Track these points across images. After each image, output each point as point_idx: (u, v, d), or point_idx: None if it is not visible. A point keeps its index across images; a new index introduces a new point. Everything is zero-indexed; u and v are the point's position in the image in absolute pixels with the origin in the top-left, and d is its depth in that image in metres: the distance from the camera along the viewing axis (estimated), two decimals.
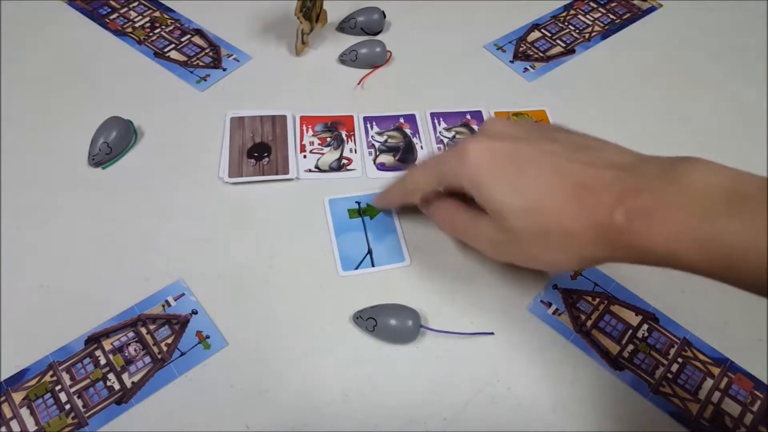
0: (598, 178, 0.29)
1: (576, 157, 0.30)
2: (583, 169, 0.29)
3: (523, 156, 0.31)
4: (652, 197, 0.27)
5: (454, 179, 0.33)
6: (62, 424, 0.34)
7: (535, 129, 0.34)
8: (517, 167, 0.31)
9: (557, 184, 0.29)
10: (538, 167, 0.30)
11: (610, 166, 0.29)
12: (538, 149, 0.31)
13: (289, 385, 0.36)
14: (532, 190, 0.30)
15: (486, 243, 0.34)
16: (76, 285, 0.39)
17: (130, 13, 0.56)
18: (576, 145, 0.31)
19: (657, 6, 0.60)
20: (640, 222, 0.27)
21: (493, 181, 0.31)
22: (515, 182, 0.30)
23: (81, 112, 0.47)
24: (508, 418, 0.35)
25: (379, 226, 0.42)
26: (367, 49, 0.52)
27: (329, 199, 0.44)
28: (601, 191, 0.28)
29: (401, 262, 0.41)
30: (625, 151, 0.31)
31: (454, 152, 0.33)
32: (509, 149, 0.31)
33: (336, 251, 0.41)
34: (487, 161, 0.31)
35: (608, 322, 0.39)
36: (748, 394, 0.36)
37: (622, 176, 0.28)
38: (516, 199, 0.30)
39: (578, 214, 0.29)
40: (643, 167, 0.29)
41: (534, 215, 0.30)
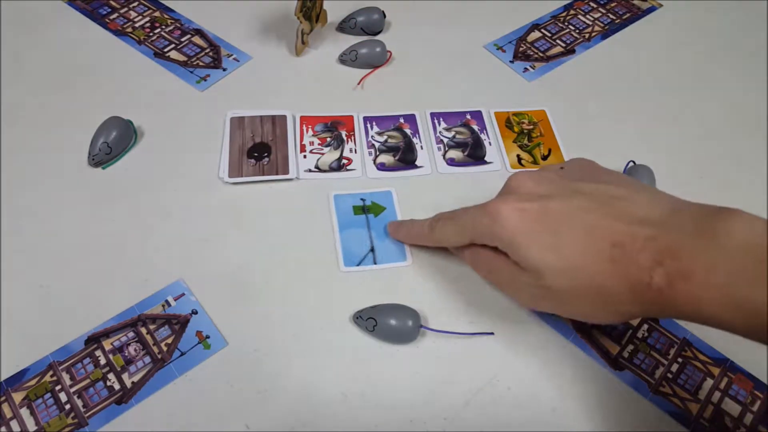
0: (632, 236, 0.28)
1: (606, 212, 0.30)
2: (615, 225, 0.29)
3: (554, 215, 0.31)
4: (690, 259, 0.26)
5: (487, 240, 0.34)
6: (62, 424, 0.34)
7: (561, 181, 0.33)
8: (550, 227, 0.31)
9: (591, 243, 0.29)
10: (570, 226, 0.30)
11: (643, 221, 0.29)
12: (567, 206, 0.31)
13: (289, 385, 0.36)
14: (567, 250, 0.30)
15: (525, 296, 0.34)
16: (76, 285, 0.39)
17: (130, 13, 0.56)
18: (605, 197, 0.31)
19: (657, 6, 0.60)
20: (680, 285, 0.27)
21: (528, 241, 0.31)
22: (550, 243, 0.30)
23: (81, 112, 0.47)
24: (508, 418, 0.35)
25: (382, 224, 0.43)
26: (367, 49, 0.52)
27: (334, 194, 0.44)
28: (637, 251, 0.28)
29: (402, 261, 0.41)
30: (656, 199, 0.31)
31: (485, 212, 0.33)
32: (539, 209, 0.31)
33: (339, 246, 0.41)
34: (520, 222, 0.31)
35: None
36: (748, 394, 0.36)
37: (657, 234, 0.28)
38: (552, 259, 0.30)
39: (614, 273, 0.29)
40: (677, 221, 0.28)
41: (570, 275, 0.30)
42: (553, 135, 0.49)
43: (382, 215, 0.43)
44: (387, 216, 0.43)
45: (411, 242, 0.41)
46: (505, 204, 0.32)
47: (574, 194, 0.32)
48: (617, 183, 0.32)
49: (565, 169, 0.36)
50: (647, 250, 0.28)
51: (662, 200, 0.31)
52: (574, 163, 0.37)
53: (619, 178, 0.34)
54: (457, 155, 0.47)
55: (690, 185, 0.45)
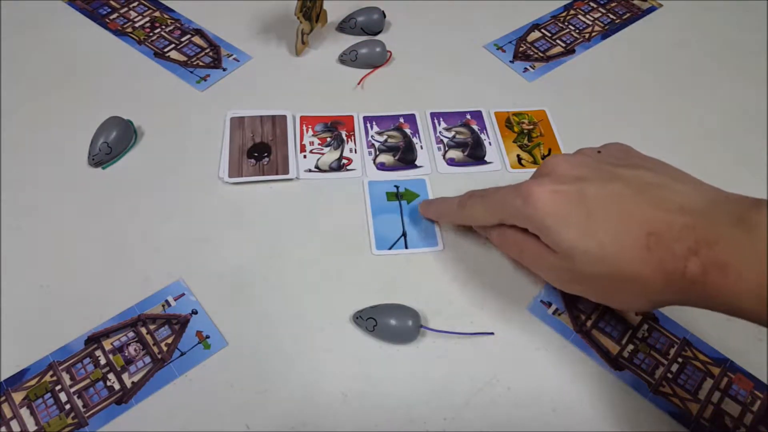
0: (669, 224, 0.28)
1: (644, 199, 0.30)
2: (652, 213, 0.29)
3: (589, 199, 0.30)
4: (727, 250, 0.26)
5: (518, 221, 0.33)
6: (62, 424, 0.34)
7: (598, 165, 0.33)
8: (585, 211, 0.30)
9: (626, 229, 0.29)
10: (606, 211, 0.30)
11: (680, 210, 0.28)
12: (604, 191, 0.30)
13: (289, 385, 0.36)
14: (601, 236, 0.29)
15: (555, 278, 0.34)
16: (76, 285, 0.39)
17: (130, 13, 0.56)
18: (643, 183, 0.30)
19: (657, 6, 0.60)
20: (714, 275, 0.26)
21: (561, 225, 0.30)
22: (583, 226, 0.30)
23: (81, 112, 0.48)
24: (508, 418, 0.35)
25: (416, 210, 0.43)
26: (367, 49, 0.52)
27: (369, 180, 0.45)
28: (673, 240, 0.28)
29: (435, 246, 0.42)
30: (695, 188, 0.30)
31: (518, 194, 0.32)
32: (575, 192, 0.31)
33: (372, 230, 0.42)
34: (554, 205, 0.31)
35: (608, 322, 0.39)
36: (748, 394, 0.36)
37: (695, 224, 0.27)
38: (585, 243, 0.30)
39: (649, 261, 0.28)
40: (714, 211, 0.28)
41: (603, 261, 0.29)
42: (553, 135, 0.49)
43: (416, 202, 0.44)
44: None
45: (441, 219, 0.41)
46: (539, 186, 0.31)
47: (612, 179, 0.31)
48: (656, 170, 0.32)
49: (603, 152, 0.35)
50: (683, 239, 0.27)
51: (701, 189, 0.30)
52: (612, 147, 0.36)
53: (657, 165, 0.33)
54: (457, 155, 0.47)
55: None
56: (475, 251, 0.41)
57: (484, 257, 0.41)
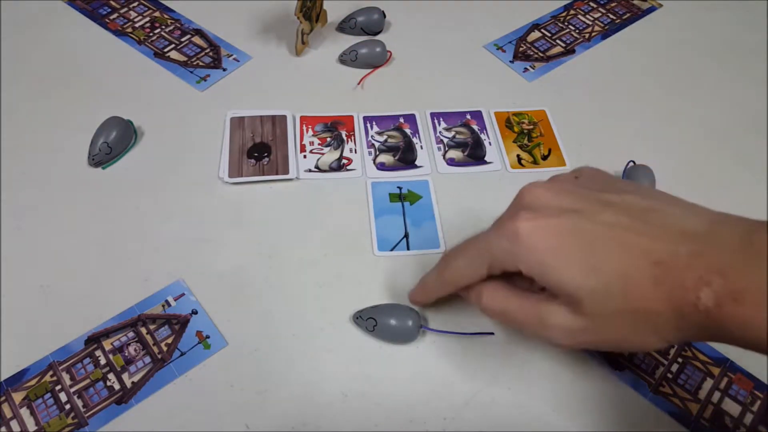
0: (674, 253, 0.26)
1: (641, 226, 0.27)
2: (653, 242, 0.27)
3: (584, 232, 0.28)
4: (739, 278, 0.24)
5: (508, 264, 0.30)
6: (62, 424, 0.34)
7: (582, 193, 0.30)
8: (582, 246, 0.27)
9: (630, 263, 0.27)
10: (605, 244, 0.27)
11: (682, 235, 0.26)
12: (597, 222, 0.28)
13: (289, 385, 0.36)
14: (607, 270, 0.27)
15: (559, 333, 0.29)
16: (76, 285, 0.39)
17: (130, 13, 0.56)
18: (635, 210, 0.28)
19: (657, 6, 0.60)
20: (729, 307, 0.24)
21: (560, 262, 0.28)
22: (584, 262, 0.27)
23: (81, 112, 0.48)
24: (508, 418, 0.35)
25: (418, 212, 0.43)
26: (367, 49, 0.52)
27: (372, 181, 0.45)
28: (681, 269, 0.26)
29: (436, 248, 0.41)
30: (690, 210, 0.28)
31: (502, 234, 0.29)
32: (566, 226, 0.28)
33: (374, 231, 0.42)
34: (546, 241, 0.28)
35: None
36: (748, 394, 0.36)
37: (700, 249, 0.26)
38: (592, 280, 0.27)
39: (658, 295, 0.26)
40: (718, 235, 0.26)
41: (615, 297, 0.27)
42: (553, 135, 0.49)
43: (418, 203, 0.44)
44: (423, 204, 0.44)
45: (430, 297, 0.37)
46: (524, 221, 0.28)
47: (603, 207, 0.28)
48: (641, 194, 0.29)
49: (581, 178, 0.32)
50: (692, 269, 0.25)
51: (697, 212, 0.28)
52: (587, 171, 0.33)
53: (640, 188, 0.31)
54: (457, 155, 0.47)
55: (690, 185, 0.45)
56: None
57: None
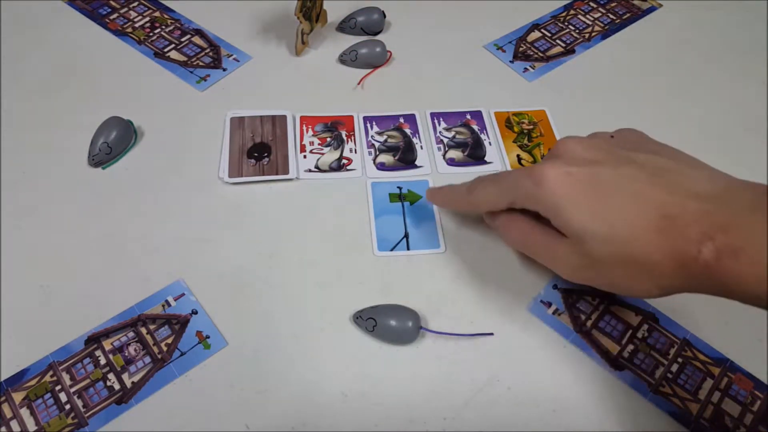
0: (683, 208, 0.28)
1: (658, 183, 0.29)
2: (666, 197, 0.28)
3: (603, 182, 0.30)
4: (742, 235, 0.26)
5: (529, 203, 0.33)
6: (62, 424, 0.34)
7: (612, 149, 0.32)
8: (598, 193, 0.30)
9: (640, 212, 0.29)
10: (620, 194, 0.29)
11: (696, 196, 0.28)
12: (618, 174, 0.30)
13: (289, 385, 0.36)
14: (613, 217, 0.29)
15: (563, 266, 0.33)
16: (76, 285, 0.39)
17: (130, 13, 0.56)
18: (657, 168, 0.30)
19: (657, 6, 0.60)
20: (728, 261, 0.26)
21: (573, 206, 0.30)
22: (596, 208, 0.30)
23: (81, 112, 0.48)
24: (508, 418, 0.35)
25: (418, 211, 0.43)
26: (367, 49, 0.52)
27: (372, 182, 0.45)
28: (687, 224, 0.27)
29: (437, 248, 0.41)
30: (710, 174, 0.30)
31: (530, 175, 0.32)
32: (588, 175, 0.30)
33: (374, 231, 0.42)
34: (566, 187, 0.30)
35: (608, 322, 0.39)
36: (748, 394, 0.36)
37: (709, 208, 0.27)
38: (597, 225, 0.29)
39: (661, 245, 0.28)
40: (730, 198, 0.27)
41: (615, 243, 0.29)
42: (553, 135, 0.49)
43: (418, 203, 0.44)
44: (423, 204, 0.44)
45: (449, 206, 0.41)
46: (551, 168, 0.31)
47: (626, 162, 0.31)
48: (670, 156, 0.32)
49: (616, 137, 0.35)
50: (698, 224, 0.27)
51: (716, 176, 0.30)
52: (626, 132, 0.36)
53: (672, 152, 0.33)
54: (457, 155, 0.47)
55: None
56: (475, 253, 0.41)
57: (484, 258, 0.41)
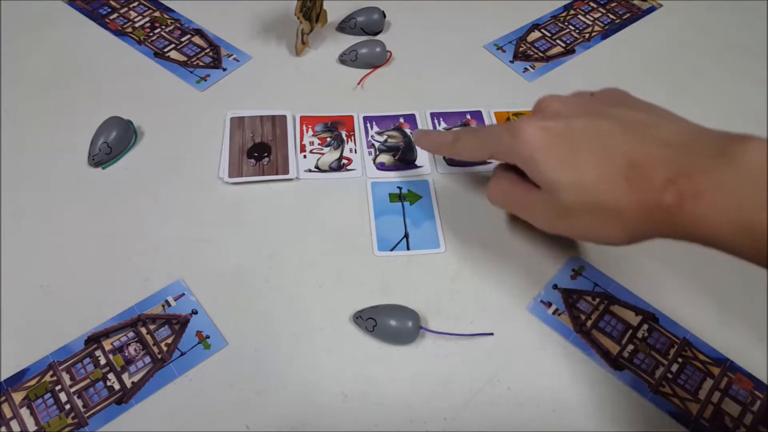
0: (650, 156, 0.29)
1: (629, 135, 0.30)
2: (635, 147, 0.30)
3: (575, 134, 0.31)
4: (703, 179, 0.27)
5: (507, 156, 0.34)
6: (62, 424, 0.34)
7: (589, 105, 0.34)
8: (570, 145, 0.31)
9: (608, 162, 0.30)
10: (590, 145, 0.31)
11: (664, 144, 0.29)
12: (591, 126, 0.31)
13: (289, 385, 0.36)
14: (583, 167, 0.30)
15: (539, 217, 0.34)
16: (76, 285, 0.39)
17: (130, 13, 0.56)
18: (631, 121, 0.31)
19: (657, 6, 0.60)
20: (689, 204, 0.27)
21: (546, 158, 0.32)
22: (567, 159, 0.31)
23: (81, 112, 0.48)
24: (508, 418, 0.35)
25: (418, 211, 0.43)
26: (367, 49, 0.52)
27: (372, 182, 0.45)
28: (653, 171, 0.28)
29: (436, 248, 0.41)
30: (681, 125, 0.31)
31: (508, 130, 0.33)
32: (563, 128, 0.32)
33: (374, 231, 0.42)
34: (541, 140, 0.32)
35: (608, 322, 0.39)
36: (748, 394, 0.36)
37: (675, 156, 0.28)
38: (567, 175, 0.31)
39: (628, 192, 0.29)
40: (696, 144, 0.28)
41: (584, 192, 0.30)
42: None
43: (418, 203, 0.44)
44: (423, 204, 0.44)
45: (434, 151, 0.43)
46: (529, 122, 0.33)
47: (601, 116, 0.32)
48: (647, 110, 0.33)
49: (597, 95, 0.36)
50: (663, 170, 0.28)
51: (687, 126, 0.31)
52: (608, 90, 0.37)
53: (649, 106, 0.34)
54: None
55: None
56: (475, 252, 0.41)
57: (484, 258, 0.41)
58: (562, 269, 0.41)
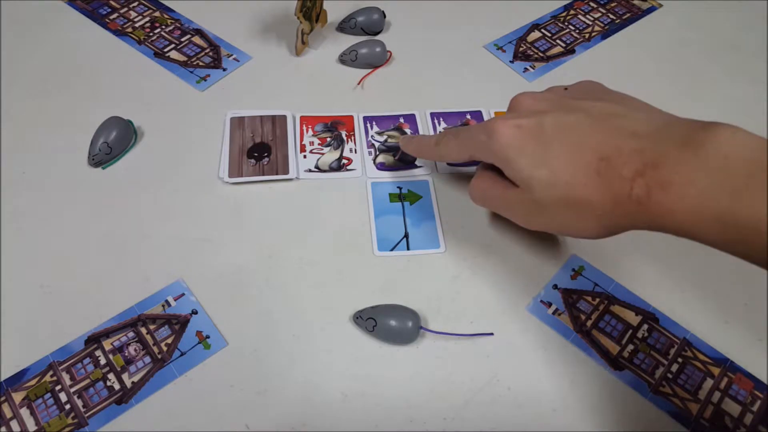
0: (619, 149, 0.29)
1: (600, 128, 0.31)
2: (604, 140, 0.30)
3: (546, 130, 0.32)
4: (671, 170, 0.27)
5: (484, 155, 0.35)
6: (62, 424, 0.34)
7: (561, 99, 0.34)
8: (542, 142, 0.31)
9: (579, 157, 0.30)
10: (562, 141, 0.31)
11: (633, 135, 0.29)
12: (562, 121, 0.32)
13: (289, 385, 0.36)
14: (556, 163, 0.31)
15: (518, 214, 0.35)
16: (76, 285, 0.39)
17: (130, 13, 0.56)
18: (603, 114, 0.31)
19: (657, 6, 0.60)
20: (658, 195, 0.27)
21: (520, 156, 0.32)
22: (540, 155, 0.31)
23: (81, 112, 0.48)
24: (508, 418, 0.35)
25: (418, 212, 0.43)
26: (367, 49, 0.52)
27: (372, 182, 0.45)
28: (622, 164, 0.28)
29: (436, 248, 0.42)
30: (651, 115, 0.31)
31: (484, 129, 0.34)
32: (535, 124, 0.32)
33: (374, 232, 0.42)
34: (515, 139, 0.32)
35: (608, 322, 0.39)
36: (748, 394, 0.36)
37: (643, 146, 0.28)
38: (541, 171, 0.31)
39: (599, 186, 0.29)
40: (665, 134, 0.28)
41: (558, 187, 0.31)
42: None
43: (418, 203, 0.44)
44: (423, 204, 0.44)
45: (419, 156, 0.43)
46: (503, 121, 0.33)
47: (572, 110, 0.32)
48: (619, 101, 0.33)
49: (570, 89, 0.37)
50: (631, 163, 0.28)
51: (657, 116, 0.31)
52: (581, 84, 0.38)
53: (623, 98, 0.34)
54: None
55: None
56: (475, 253, 0.41)
57: (484, 258, 0.41)
58: (562, 269, 0.41)
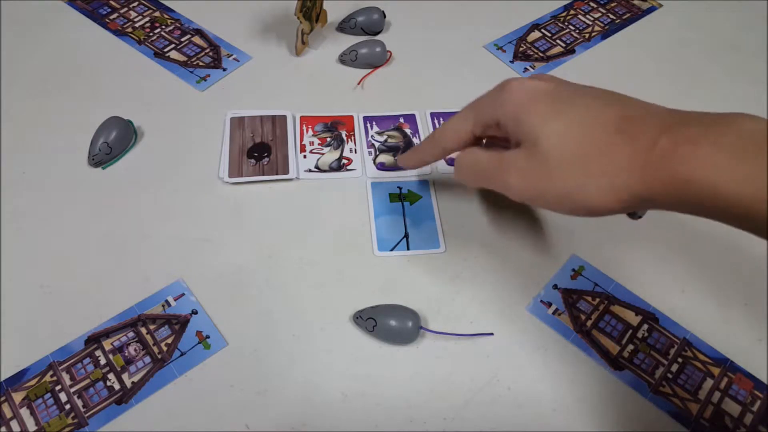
0: (644, 110, 0.28)
1: (618, 98, 0.30)
2: (628, 104, 0.29)
3: (564, 94, 0.31)
4: (698, 130, 0.26)
5: (491, 112, 0.33)
6: (62, 424, 0.34)
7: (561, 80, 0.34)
8: (557, 101, 0.31)
9: (598, 113, 0.29)
10: (577, 103, 0.30)
11: (654, 111, 0.29)
12: (579, 92, 0.31)
13: (289, 385, 0.36)
14: (571, 117, 0.29)
15: (514, 180, 0.31)
16: (76, 285, 0.39)
17: (130, 13, 0.56)
18: (616, 95, 0.31)
19: (657, 6, 0.60)
20: (684, 149, 0.26)
21: (532, 109, 0.31)
22: (554, 111, 0.30)
23: (81, 112, 0.48)
24: (508, 418, 0.35)
25: (418, 211, 0.43)
26: (367, 49, 0.52)
27: (372, 182, 0.45)
28: (647, 121, 0.28)
29: (436, 248, 0.41)
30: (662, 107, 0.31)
31: (495, 89, 0.34)
32: (551, 89, 0.31)
33: (374, 232, 0.42)
34: (528, 96, 0.31)
35: (608, 322, 0.39)
36: (748, 394, 0.36)
37: (669, 113, 0.28)
38: (554, 124, 0.29)
39: (617, 141, 0.28)
40: (686, 116, 0.28)
41: (571, 140, 0.29)
42: None
43: (418, 203, 0.44)
44: (423, 204, 0.44)
45: (423, 162, 0.40)
46: (517, 80, 0.33)
47: (585, 88, 0.32)
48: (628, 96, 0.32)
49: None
50: (657, 121, 0.27)
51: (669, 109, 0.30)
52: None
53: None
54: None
55: None
56: (475, 253, 0.41)
57: (484, 258, 0.41)
58: (562, 269, 0.41)
